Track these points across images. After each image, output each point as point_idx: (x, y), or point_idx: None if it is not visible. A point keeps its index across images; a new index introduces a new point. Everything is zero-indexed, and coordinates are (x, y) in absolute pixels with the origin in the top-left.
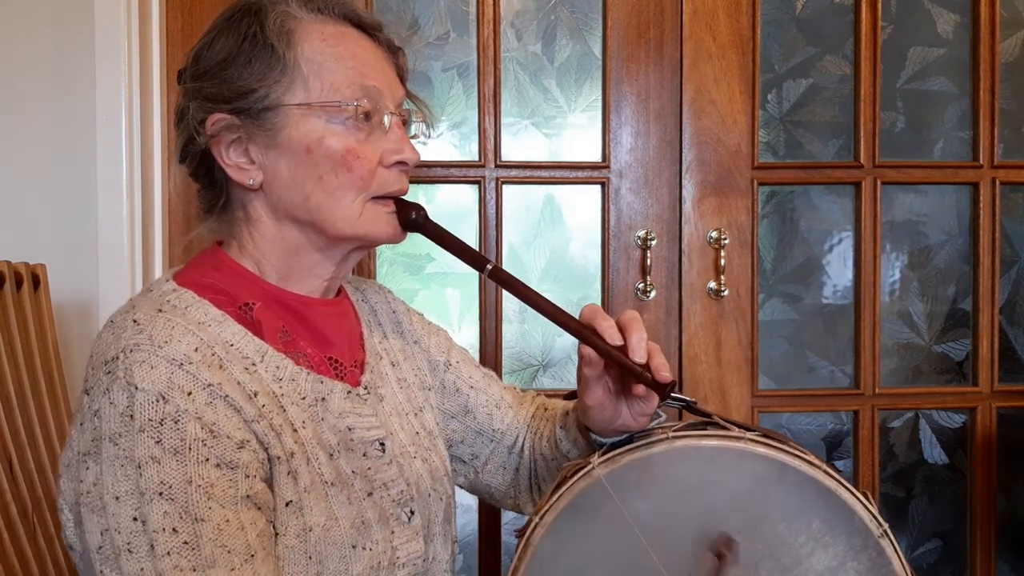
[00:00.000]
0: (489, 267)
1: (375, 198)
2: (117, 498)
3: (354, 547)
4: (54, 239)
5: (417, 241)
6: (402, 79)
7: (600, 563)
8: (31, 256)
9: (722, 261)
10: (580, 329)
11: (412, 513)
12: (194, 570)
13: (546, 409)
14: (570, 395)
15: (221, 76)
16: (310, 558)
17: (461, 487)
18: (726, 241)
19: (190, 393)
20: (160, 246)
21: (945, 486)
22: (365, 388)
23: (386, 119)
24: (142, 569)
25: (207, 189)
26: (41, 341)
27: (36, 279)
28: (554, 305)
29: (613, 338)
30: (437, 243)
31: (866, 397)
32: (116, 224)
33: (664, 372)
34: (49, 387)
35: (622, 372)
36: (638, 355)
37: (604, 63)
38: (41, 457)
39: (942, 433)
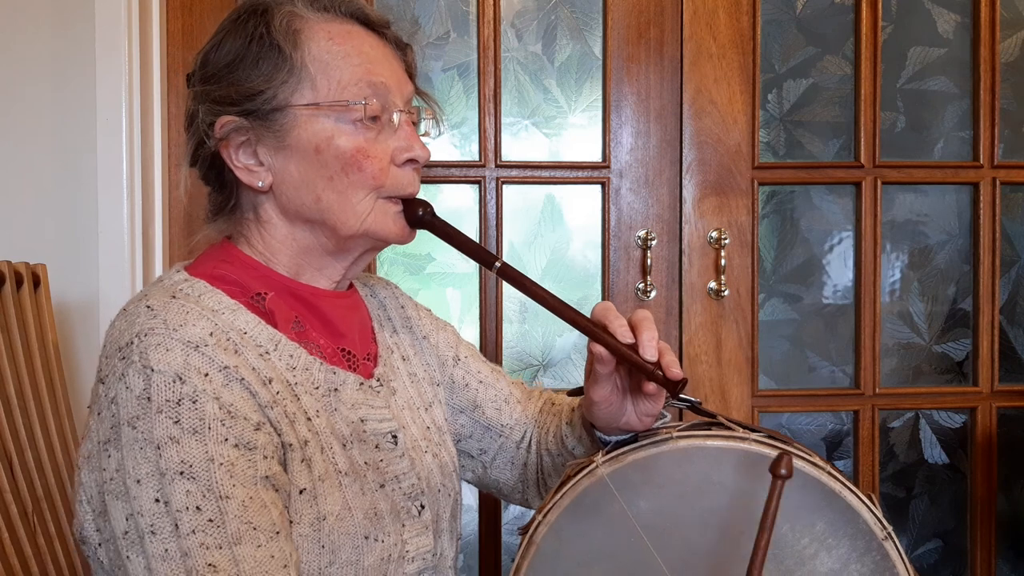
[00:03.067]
0: (498, 264)
1: (386, 197)
2: (139, 481)
3: (366, 538)
4: (54, 239)
5: (418, 241)
6: (411, 75)
7: (603, 562)
8: (31, 256)
9: (722, 261)
10: (590, 326)
11: (422, 507)
12: (220, 547)
13: (553, 404)
14: (574, 391)
15: (229, 78)
16: (323, 547)
17: (469, 482)
18: (726, 241)
19: (207, 374)
20: (161, 246)
21: (945, 486)
22: (378, 380)
23: (395, 117)
24: (167, 550)
25: (217, 192)
26: (41, 341)
27: (36, 279)
28: (563, 302)
29: (625, 336)
30: (445, 240)
31: (866, 397)
32: (116, 224)
33: (675, 369)
34: (49, 387)
35: (632, 370)
36: (648, 353)
37: (604, 63)
38: (41, 457)
39: (942, 433)
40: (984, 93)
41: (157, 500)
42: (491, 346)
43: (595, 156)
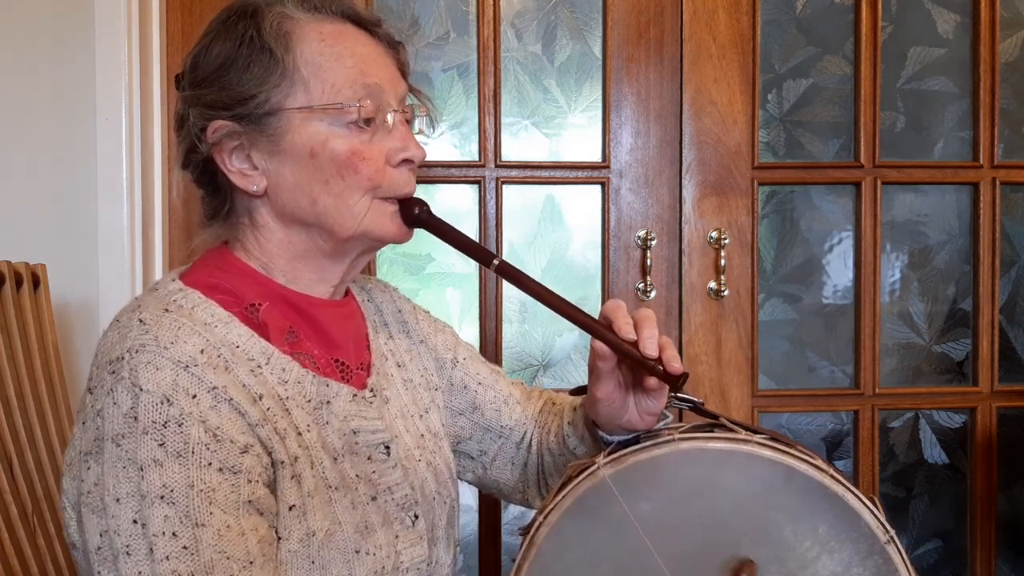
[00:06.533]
0: (496, 262)
1: (382, 197)
2: (118, 500)
3: (357, 552)
4: (54, 239)
5: (417, 241)
6: (404, 74)
7: (604, 564)
8: (31, 256)
9: (722, 261)
10: (590, 322)
11: (416, 517)
12: (192, 575)
13: (554, 404)
14: (576, 390)
15: (220, 82)
16: (313, 563)
17: (469, 483)
18: (726, 241)
19: (195, 396)
20: (160, 246)
21: (945, 486)
22: (371, 391)
23: (389, 117)
24: (140, 572)
25: (211, 196)
26: (41, 341)
27: (36, 279)
28: (562, 299)
29: (627, 333)
30: (442, 238)
31: (866, 397)
32: (116, 224)
33: (675, 364)
34: (49, 387)
35: (634, 366)
36: (649, 349)
37: (604, 63)
38: (41, 457)
39: (942, 433)
40: (984, 93)
41: (135, 521)
42: (491, 346)
43: (595, 156)
